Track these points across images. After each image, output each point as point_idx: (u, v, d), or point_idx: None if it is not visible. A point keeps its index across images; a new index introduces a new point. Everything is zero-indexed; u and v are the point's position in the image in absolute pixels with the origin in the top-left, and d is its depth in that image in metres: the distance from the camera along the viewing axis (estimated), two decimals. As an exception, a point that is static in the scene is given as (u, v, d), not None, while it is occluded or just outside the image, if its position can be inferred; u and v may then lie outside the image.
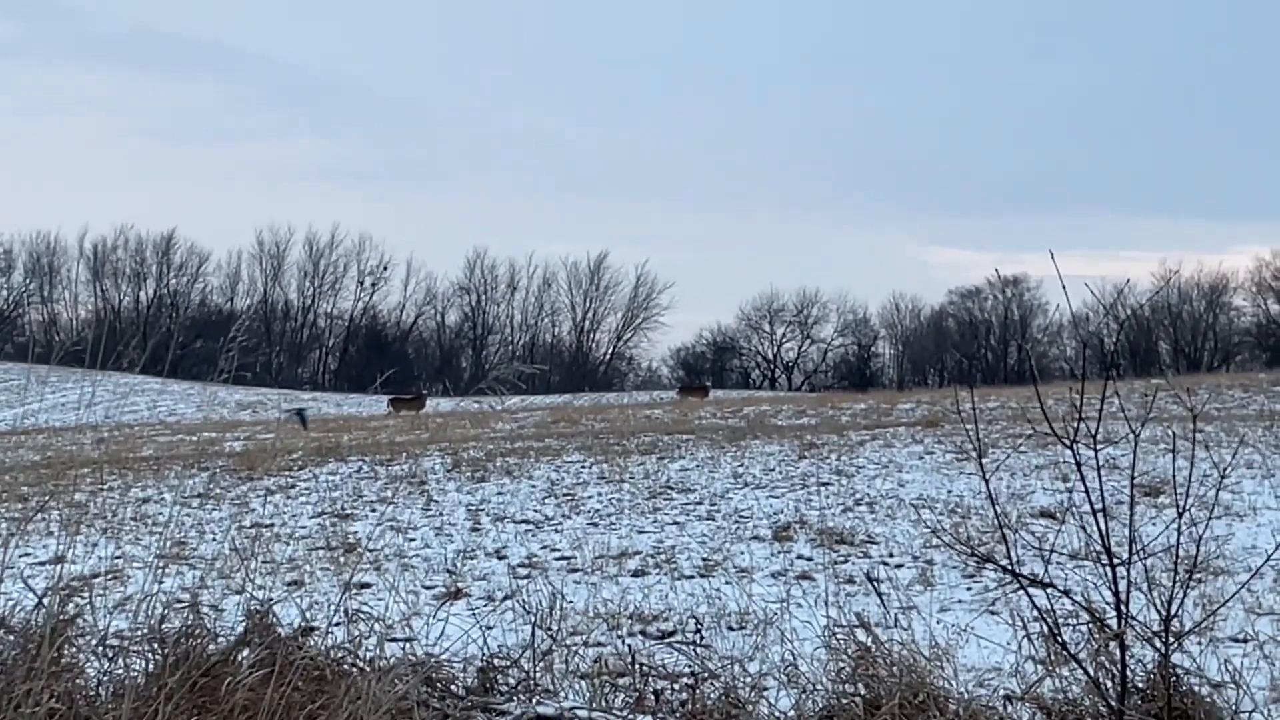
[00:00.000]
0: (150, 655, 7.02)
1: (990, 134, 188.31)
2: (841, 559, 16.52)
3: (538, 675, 9.60)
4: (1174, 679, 8.00)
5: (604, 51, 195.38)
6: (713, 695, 8.87)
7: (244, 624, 8.00)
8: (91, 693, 6.87)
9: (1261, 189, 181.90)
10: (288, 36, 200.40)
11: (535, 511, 20.86)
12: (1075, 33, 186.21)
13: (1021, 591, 8.27)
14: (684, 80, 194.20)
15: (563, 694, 9.45)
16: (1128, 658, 7.67)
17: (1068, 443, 7.49)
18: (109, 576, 15.09)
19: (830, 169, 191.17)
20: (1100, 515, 7.42)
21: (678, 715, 8.21)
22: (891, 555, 16.70)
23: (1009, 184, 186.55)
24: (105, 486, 23.97)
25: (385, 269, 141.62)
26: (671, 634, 12.63)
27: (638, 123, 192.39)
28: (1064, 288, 7.41)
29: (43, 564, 15.91)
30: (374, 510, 21.41)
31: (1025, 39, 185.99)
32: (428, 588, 15.25)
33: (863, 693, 8.43)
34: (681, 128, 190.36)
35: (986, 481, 7.31)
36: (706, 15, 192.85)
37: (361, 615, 9.56)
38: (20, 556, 16.50)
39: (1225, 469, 9.40)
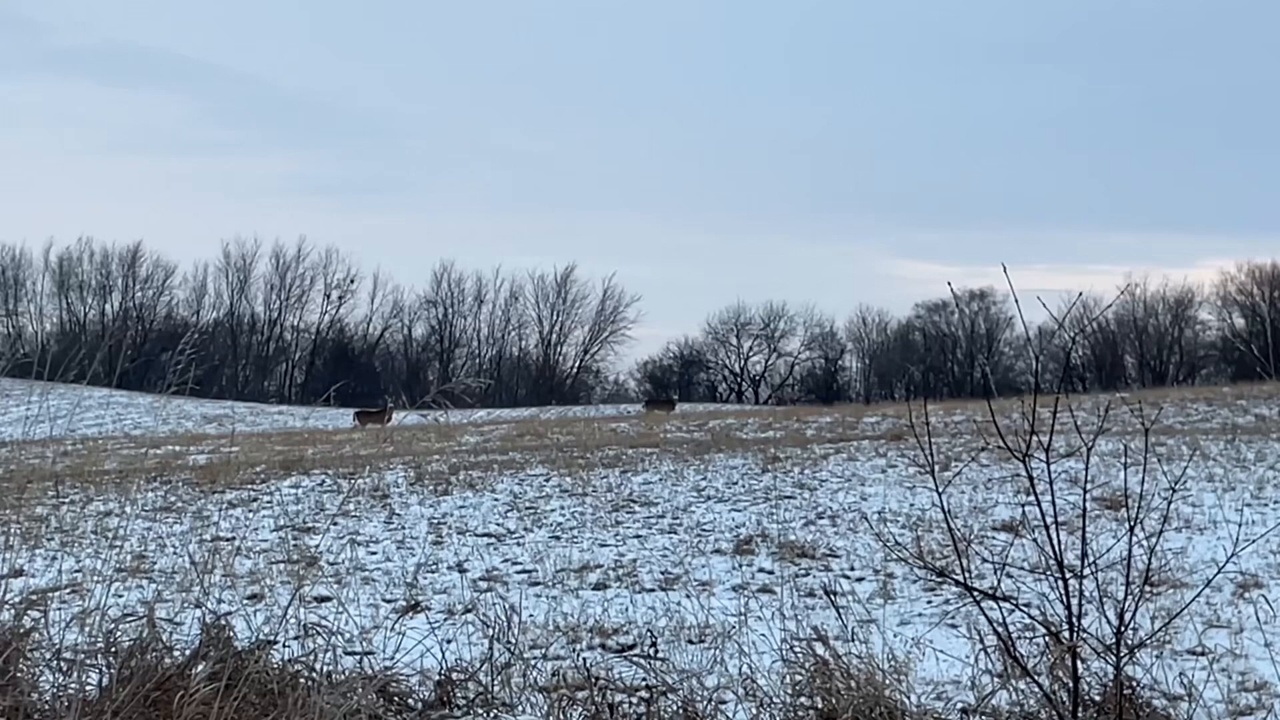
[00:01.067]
0: (103, 669, 7.01)
1: (959, 147, 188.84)
2: (803, 572, 16.54)
3: (495, 689, 9.62)
4: (1128, 691, 8.03)
5: (572, 66, 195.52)
6: (670, 709, 8.89)
7: (200, 638, 7.99)
8: (44, 706, 6.86)
9: (1228, 204, 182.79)
10: (255, 51, 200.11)
11: (497, 525, 20.84)
12: (1043, 48, 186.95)
13: (978, 605, 8.30)
14: (652, 95, 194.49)
15: (520, 708, 9.48)
16: (1082, 670, 7.70)
17: (1020, 456, 7.52)
18: (67, 590, 15.06)
19: (798, 183, 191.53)
20: (1053, 528, 7.44)
21: (634, 728, 8.23)
22: (853, 569, 16.73)
23: (978, 197, 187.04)
24: (65, 500, 23.91)
25: (352, 282, 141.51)
26: (631, 648, 12.64)
27: (604, 137, 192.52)
28: (1016, 301, 7.45)
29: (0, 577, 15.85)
30: (335, 524, 21.38)
31: (993, 54, 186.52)
32: (388, 601, 15.24)
33: (819, 706, 8.46)
34: (648, 142, 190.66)
35: (940, 496, 7.34)
36: (673, 32, 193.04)
37: (319, 629, 9.55)
38: (-22, 570, 16.46)
39: (1176, 482, 9.45)
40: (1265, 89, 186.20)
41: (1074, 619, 7.19)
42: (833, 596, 13.74)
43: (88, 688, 7.04)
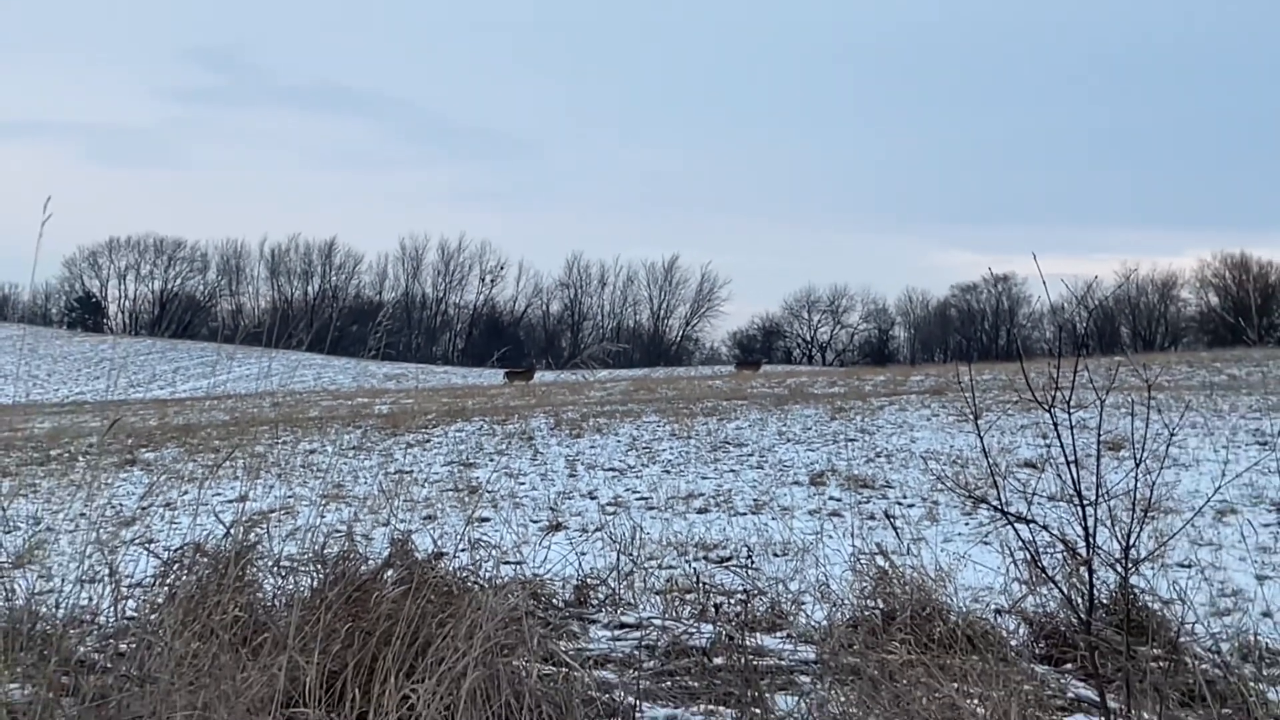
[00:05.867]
0: (314, 574, 7.04)
1: (989, 159, 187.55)
2: (865, 500, 16.45)
3: (621, 591, 9.60)
4: (1132, 597, 7.94)
5: (677, 92, 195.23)
6: (761, 608, 8.85)
7: (388, 550, 8.02)
8: (268, 603, 6.90)
9: (1207, 203, 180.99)
10: (426, 84, 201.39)
11: (620, 461, 20.85)
12: (1063, 74, 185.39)
13: (1009, 526, 8.22)
14: (741, 113, 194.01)
15: (641, 607, 9.44)
16: (1095, 580, 7.60)
17: (1046, 407, 7.42)
18: (282, 512, 15.17)
19: (860, 186, 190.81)
20: (1072, 465, 7.34)
21: (733, 623, 8.19)
22: (905, 497, 16.61)
23: (1003, 198, 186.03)
24: (280, 440, 24.11)
25: (502, 268, 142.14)
26: (728, 559, 12.62)
27: (704, 149, 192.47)
28: (1044, 282, 7.34)
29: (230, 501, 16.00)
30: (492, 460, 21.44)
31: (1022, 80, 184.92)
32: (534, 522, 15.27)
33: (881, 606, 8.39)
34: (740, 153, 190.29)
35: (981, 438, 7.27)
36: (759, 61, 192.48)
37: (481, 543, 9.57)
38: (213, 495, 16.63)
39: (1174, 428, 9.31)
40: (1256, 107, 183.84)
41: (1089, 538, 7.09)
42: (891, 519, 13.64)
43: (301, 589, 7.08)
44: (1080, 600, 7.71)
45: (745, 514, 15.80)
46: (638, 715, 6.39)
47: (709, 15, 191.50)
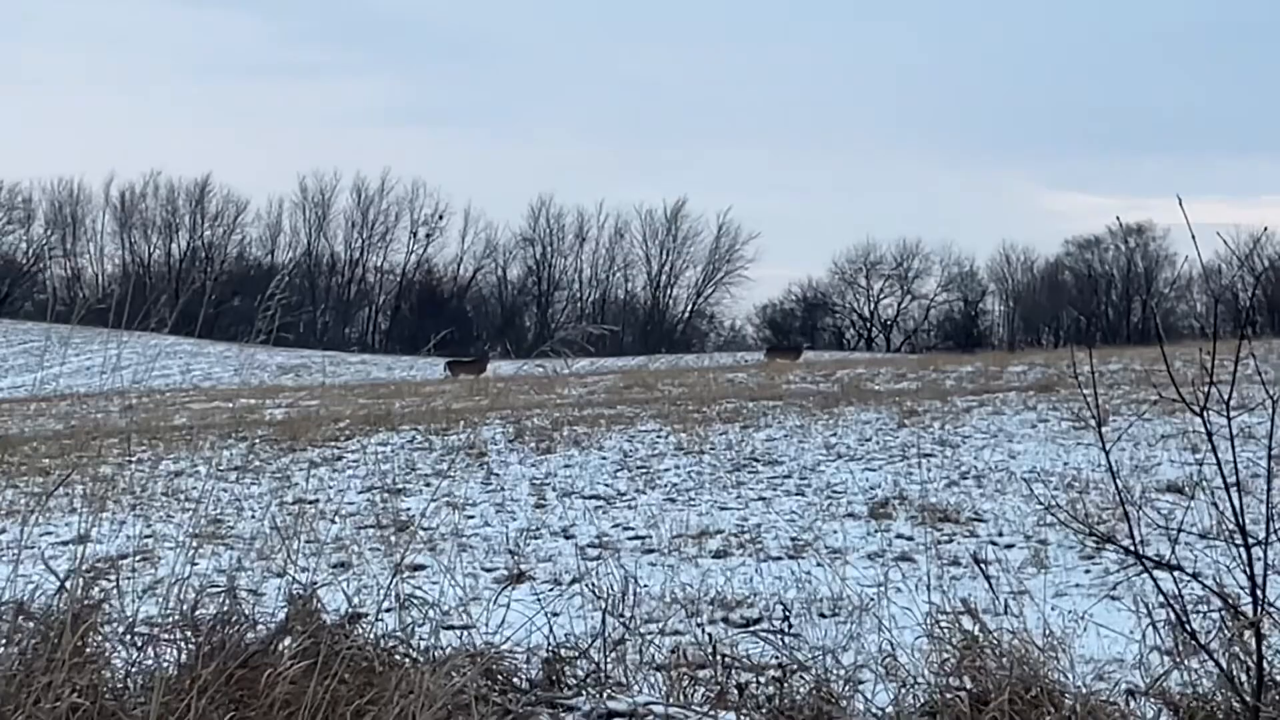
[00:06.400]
0: (182, 644, 7.05)
1: (1118, 63, 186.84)
2: (945, 538, 16.47)
3: (609, 667, 9.61)
4: (1317, 671, 7.96)
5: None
6: (803, 689, 8.86)
7: (285, 610, 8.02)
8: (118, 685, 6.91)
9: None
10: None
11: (606, 486, 20.88)
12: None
13: (1146, 575, 8.23)
14: (770, 14, 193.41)
15: (636, 687, 9.46)
16: (1265, 648, 7.62)
17: (1197, 409, 7.44)
18: (138, 557, 15.18)
19: (933, 106, 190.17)
20: (1234, 490, 7.37)
21: (764, 711, 8.21)
22: (1001, 534, 16.64)
23: (1138, 121, 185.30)
24: (134, 458, 24.11)
25: (441, 218, 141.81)
26: (756, 621, 12.63)
27: (720, 62, 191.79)
28: (1193, 236, 7.35)
29: (65, 544, 16.01)
30: (428, 485, 21.46)
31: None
32: (488, 570, 15.28)
33: (969, 686, 8.41)
34: (769, 66, 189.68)
35: (1106, 453, 7.27)
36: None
37: (414, 601, 9.57)
38: (42, 535, 16.63)
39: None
40: None
41: (1258, 590, 7.12)
42: (982, 565, 13.68)
43: (165, 664, 7.08)
44: (1245, 676, 7.73)
45: (780, 558, 15.83)
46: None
47: None
